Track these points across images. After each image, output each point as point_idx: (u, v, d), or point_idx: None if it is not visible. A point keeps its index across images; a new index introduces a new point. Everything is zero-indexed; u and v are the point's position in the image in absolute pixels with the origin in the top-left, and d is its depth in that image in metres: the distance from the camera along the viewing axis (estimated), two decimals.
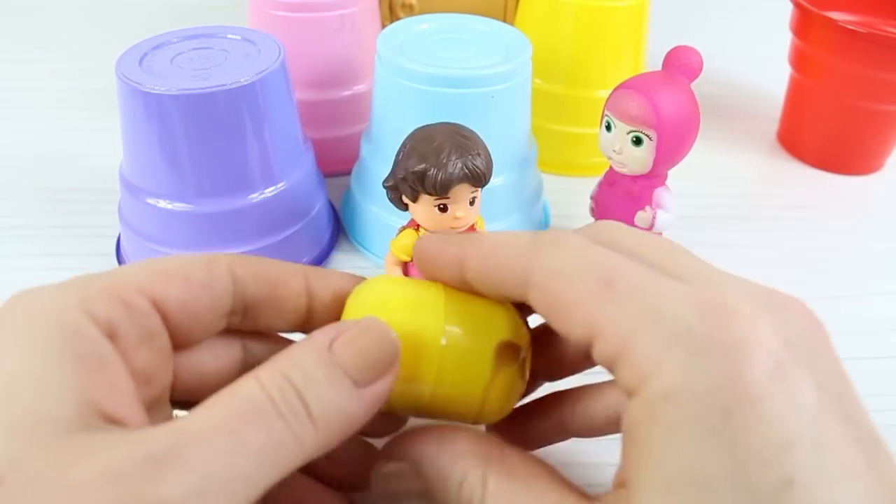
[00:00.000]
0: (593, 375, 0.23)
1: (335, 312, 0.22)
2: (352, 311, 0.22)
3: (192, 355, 0.21)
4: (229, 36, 0.37)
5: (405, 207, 0.31)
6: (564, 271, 0.19)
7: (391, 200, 0.31)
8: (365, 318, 0.20)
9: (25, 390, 0.16)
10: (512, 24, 0.45)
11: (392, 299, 0.22)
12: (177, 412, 0.21)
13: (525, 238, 0.21)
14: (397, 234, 0.32)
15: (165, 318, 0.19)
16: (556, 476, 0.20)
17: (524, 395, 0.24)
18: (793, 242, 0.44)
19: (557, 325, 0.19)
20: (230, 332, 0.22)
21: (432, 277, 0.23)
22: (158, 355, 0.19)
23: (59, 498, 0.14)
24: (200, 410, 0.17)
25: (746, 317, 0.17)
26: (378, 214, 0.38)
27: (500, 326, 0.22)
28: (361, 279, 0.23)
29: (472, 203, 0.30)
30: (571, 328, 0.19)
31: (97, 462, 0.15)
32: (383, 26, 0.41)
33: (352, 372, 0.18)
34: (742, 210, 0.47)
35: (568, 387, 0.25)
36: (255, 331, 0.23)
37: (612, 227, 0.21)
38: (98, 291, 0.18)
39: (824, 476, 0.15)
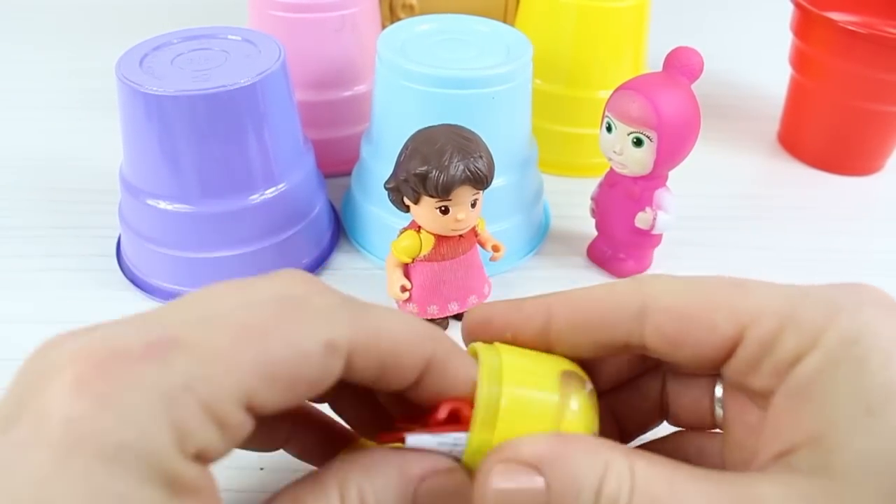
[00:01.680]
0: None
1: (429, 403, 0.19)
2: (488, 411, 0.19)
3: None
4: (229, 37, 0.37)
5: (406, 209, 0.31)
6: (688, 287, 0.20)
7: (393, 202, 0.31)
8: (459, 473, 0.19)
9: None
10: (512, 24, 0.45)
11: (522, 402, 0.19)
12: None
13: (616, 282, 0.21)
14: (398, 236, 0.33)
15: (256, 414, 0.16)
16: (684, 463, 0.18)
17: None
18: (793, 242, 0.44)
19: (690, 339, 0.19)
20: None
21: (499, 335, 0.21)
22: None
23: None
24: None
25: (872, 288, 0.19)
26: (378, 215, 0.38)
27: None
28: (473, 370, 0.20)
29: (473, 205, 0.30)
30: (713, 332, 0.19)
31: None
32: (384, 27, 0.41)
33: None
34: (742, 210, 0.47)
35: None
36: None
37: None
38: (194, 411, 0.15)
39: None
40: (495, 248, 0.34)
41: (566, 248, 0.42)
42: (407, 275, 0.33)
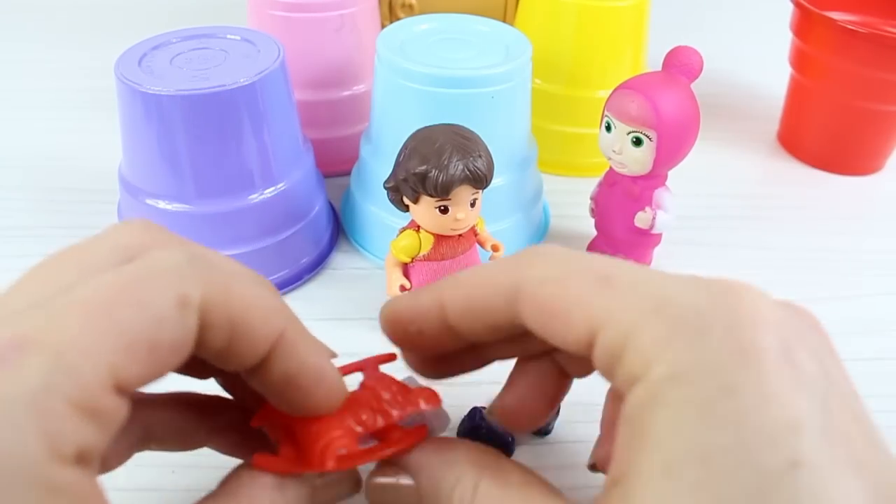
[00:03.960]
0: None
1: (277, 386, 0.19)
2: None
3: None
4: (229, 36, 0.36)
5: (406, 208, 0.31)
6: (556, 275, 0.19)
7: (392, 201, 0.31)
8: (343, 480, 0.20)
9: None
10: (512, 24, 0.45)
11: None
12: None
13: (503, 260, 0.20)
14: (397, 235, 0.32)
15: (127, 396, 0.16)
16: (552, 489, 0.19)
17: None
18: (793, 242, 0.44)
19: (554, 332, 0.19)
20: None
21: (408, 336, 0.21)
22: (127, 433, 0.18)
23: None
24: None
25: (756, 297, 0.16)
26: (378, 215, 0.38)
27: None
28: (328, 367, 0.20)
29: (472, 205, 0.30)
30: (570, 330, 0.18)
31: None
32: (383, 26, 0.41)
33: None
34: (742, 210, 0.47)
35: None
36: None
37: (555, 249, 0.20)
38: (62, 412, 0.14)
39: (832, 463, 0.14)
40: (495, 248, 0.34)
41: (566, 247, 0.42)
42: (406, 274, 0.33)
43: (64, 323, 0.15)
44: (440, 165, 0.28)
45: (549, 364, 0.23)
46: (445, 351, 0.22)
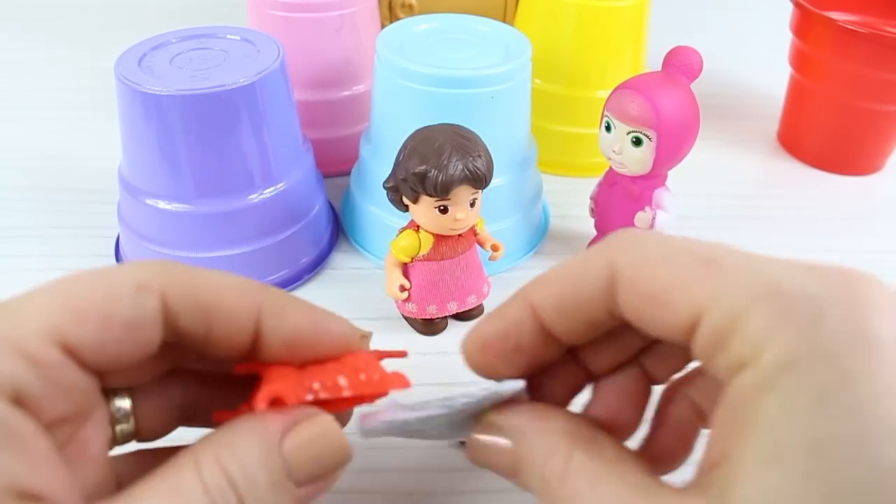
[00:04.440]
0: None
1: (287, 354, 0.19)
2: None
3: (144, 396, 0.20)
4: (228, 36, 0.36)
5: (405, 208, 0.31)
6: (656, 259, 0.18)
7: (392, 201, 0.31)
8: (322, 417, 0.19)
9: None
10: (512, 24, 0.45)
11: None
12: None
13: (592, 249, 0.20)
14: (397, 235, 0.32)
15: (83, 365, 0.17)
16: (644, 465, 0.19)
17: None
18: (793, 242, 0.44)
19: (653, 318, 0.18)
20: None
21: (505, 357, 0.21)
22: (84, 405, 0.17)
23: None
24: (135, 499, 0.16)
25: (873, 284, 0.16)
26: (378, 215, 0.38)
27: None
28: (325, 314, 0.20)
29: (472, 204, 0.30)
30: (671, 315, 0.17)
31: None
32: (383, 26, 0.41)
33: (298, 476, 0.18)
34: (742, 210, 0.47)
35: None
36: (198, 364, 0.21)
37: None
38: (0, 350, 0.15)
39: None
40: (494, 248, 0.34)
41: (566, 247, 0.42)
42: (406, 274, 0.33)
43: (27, 295, 0.17)
44: (440, 165, 0.28)
45: (636, 372, 0.22)
46: (543, 363, 0.21)
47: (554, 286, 0.20)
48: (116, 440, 0.20)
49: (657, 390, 0.23)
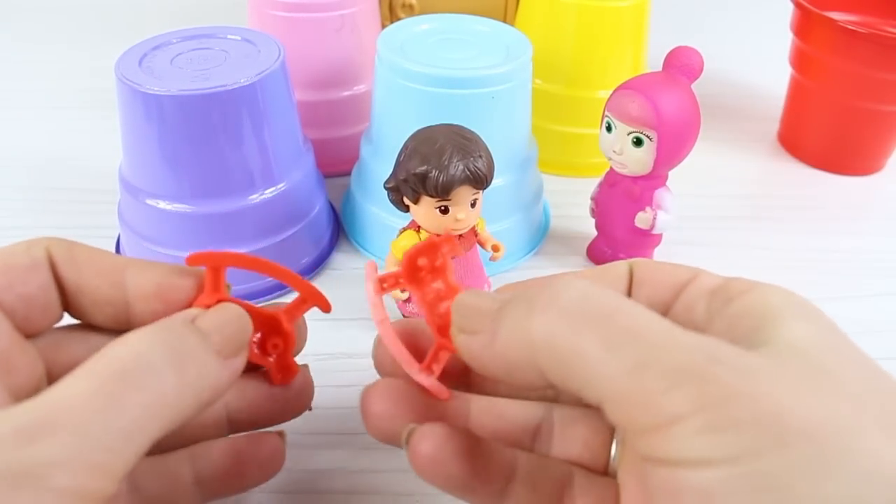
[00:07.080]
0: None
1: (158, 311, 0.21)
2: None
3: (63, 346, 0.22)
4: (229, 36, 0.36)
5: (406, 209, 0.31)
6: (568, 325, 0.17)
7: (392, 202, 0.31)
8: (220, 305, 0.22)
9: None
10: (512, 24, 0.45)
11: None
12: None
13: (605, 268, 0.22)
14: (398, 236, 0.32)
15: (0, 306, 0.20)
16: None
17: None
18: (793, 242, 0.44)
19: (568, 386, 0.17)
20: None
21: None
22: (6, 343, 0.19)
23: None
24: (72, 379, 0.17)
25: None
26: (378, 215, 0.38)
27: None
28: (185, 270, 0.23)
29: (473, 205, 0.30)
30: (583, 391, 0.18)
31: None
32: (383, 26, 0.41)
33: (216, 343, 0.20)
34: (742, 210, 0.47)
35: None
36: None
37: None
38: None
39: None
40: (495, 248, 0.34)
41: (566, 247, 0.42)
42: None
43: None
44: (440, 166, 0.28)
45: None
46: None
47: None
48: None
49: None
